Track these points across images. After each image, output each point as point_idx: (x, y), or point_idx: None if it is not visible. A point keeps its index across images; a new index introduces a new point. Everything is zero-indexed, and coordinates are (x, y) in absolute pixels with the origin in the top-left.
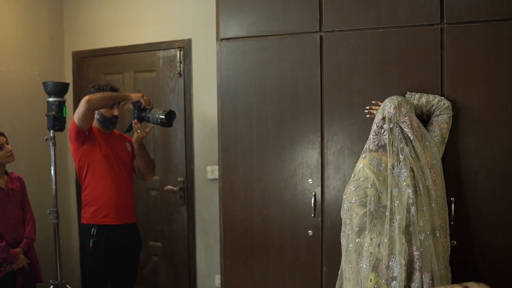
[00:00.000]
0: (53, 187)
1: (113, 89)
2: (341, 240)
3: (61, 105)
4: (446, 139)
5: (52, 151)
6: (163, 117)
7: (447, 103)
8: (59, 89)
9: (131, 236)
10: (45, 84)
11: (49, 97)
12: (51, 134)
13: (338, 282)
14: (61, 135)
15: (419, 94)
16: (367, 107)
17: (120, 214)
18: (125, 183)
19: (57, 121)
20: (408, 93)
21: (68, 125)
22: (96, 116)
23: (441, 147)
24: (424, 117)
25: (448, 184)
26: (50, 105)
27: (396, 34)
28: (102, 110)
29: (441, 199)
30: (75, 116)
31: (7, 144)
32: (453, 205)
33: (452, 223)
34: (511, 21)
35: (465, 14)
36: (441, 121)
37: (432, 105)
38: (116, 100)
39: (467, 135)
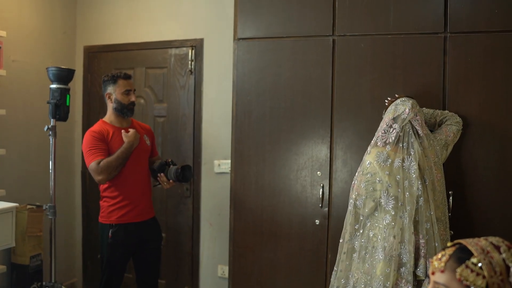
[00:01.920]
0: (51, 182)
1: (126, 76)
2: (353, 239)
3: (64, 92)
4: (450, 148)
5: (51, 142)
6: (180, 171)
7: (459, 118)
8: (63, 76)
9: (151, 230)
10: (48, 69)
11: (52, 83)
12: (52, 123)
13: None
14: (67, 124)
15: (433, 110)
16: (388, 98)
17: (142, 212)
18: (145, 178)
19: (59, 110)
20: (424, 108)
21: (72, 116)
22: (113, 105)
23: (442, 150)
24: (436, 127)
25: (447, 178)
26: (53, 93)
27: (403, 41)
28: (119, 97)
29: (441, 194)
30: (91, 173)
31: None
32: (451, 198)
33: (450, 214)
34: (508, 32)
35: (467, 25)
36: (449, 130)
37: (445, 116)
38: (129, 153)
39: (465, 135)
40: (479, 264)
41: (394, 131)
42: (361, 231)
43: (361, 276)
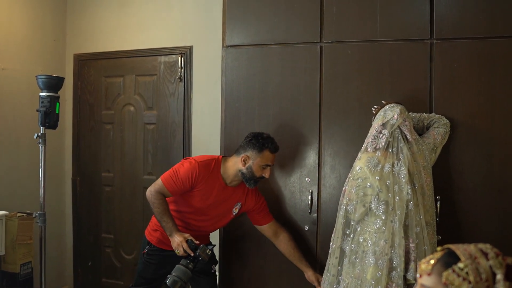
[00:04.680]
0: (41, 190)
1: (276, 149)
2: (343, 244)
3: (54, 100)
4: (438, 150)
5: (41, 150)
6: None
7: (446, 120)
8: (53, 84)
9: None
10: (37, 78)
11: (41, 91)
12: (42, 131)
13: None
14: (57, 132)
15: (420, 113)
16: (375, 106)
17: None
18: (204, 231)
19: (49, 118)
20: (411, 113)
21: (62, 123)
22: (243, 169)
23: (431, 154)
24: (425, 131)
25: (435, 183)
26: (42, 100)
27: (390, 47)
28: (255, 168)
29: (430, 198)
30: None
31: None
32: (438, 203)
33: (437, 219)
34: (493, 39)
35: (452, 31)
36: (437, 133)
37: (433, 119)
38: (164, 229)
39: (452, 140)
40: (466, 269)
41: (384, 136)
42: (351, 236)
43: (351, 281)
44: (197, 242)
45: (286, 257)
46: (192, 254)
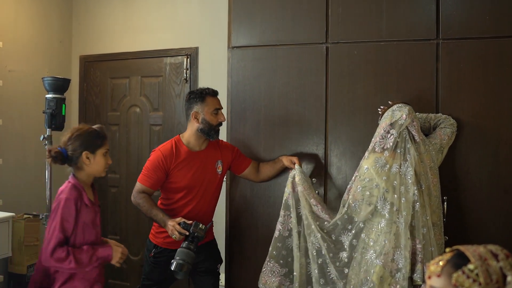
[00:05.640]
0: (47, 192)
1: (215, 93)
2: (345, 239)
3: (60, 102)
4: (445, 151)
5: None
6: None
7: (453, 120)
8: (59, 85)
9: (200, 254)
10: (44, 79)
11: (48, 93)
12: (48, 133)
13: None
14: (63, 133)
15: (426, 114)
16: (381, 106)
17: None
18: (204, 207)
19: (55, 119)
20: (417, 113)
21: (68, 125)
22: (199, 126)
23: (438, 154)
24: (431, 131)
25: (441, 184)
26: (48, 102)
27: (396, 47)
28: (207, 117)
29: (437, 198)
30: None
31: None
32: (445, 204)
33: (444, 219)
34: (500, 39)
35: (459, 31)
36: (444, 133)
37: (439, 119)
38: (157, 223)
39: (458, 140)
40: (476, 271)
41: (392, 136)
42: (353, 232)
43: (358, 281)
44: (190, 222)
45: (271, 176)
46: (187, 234)
